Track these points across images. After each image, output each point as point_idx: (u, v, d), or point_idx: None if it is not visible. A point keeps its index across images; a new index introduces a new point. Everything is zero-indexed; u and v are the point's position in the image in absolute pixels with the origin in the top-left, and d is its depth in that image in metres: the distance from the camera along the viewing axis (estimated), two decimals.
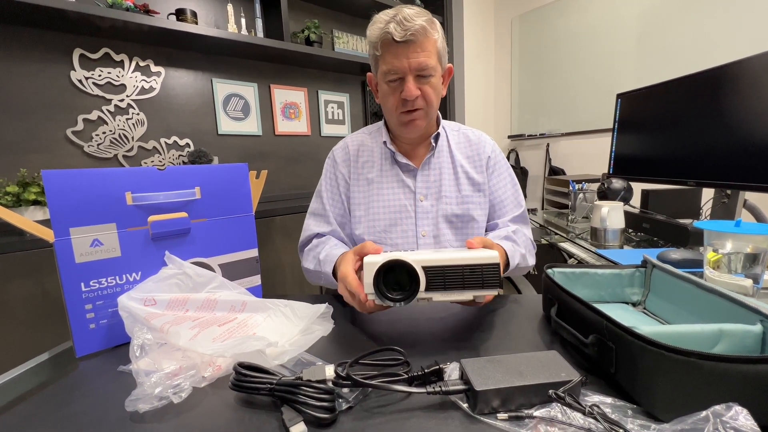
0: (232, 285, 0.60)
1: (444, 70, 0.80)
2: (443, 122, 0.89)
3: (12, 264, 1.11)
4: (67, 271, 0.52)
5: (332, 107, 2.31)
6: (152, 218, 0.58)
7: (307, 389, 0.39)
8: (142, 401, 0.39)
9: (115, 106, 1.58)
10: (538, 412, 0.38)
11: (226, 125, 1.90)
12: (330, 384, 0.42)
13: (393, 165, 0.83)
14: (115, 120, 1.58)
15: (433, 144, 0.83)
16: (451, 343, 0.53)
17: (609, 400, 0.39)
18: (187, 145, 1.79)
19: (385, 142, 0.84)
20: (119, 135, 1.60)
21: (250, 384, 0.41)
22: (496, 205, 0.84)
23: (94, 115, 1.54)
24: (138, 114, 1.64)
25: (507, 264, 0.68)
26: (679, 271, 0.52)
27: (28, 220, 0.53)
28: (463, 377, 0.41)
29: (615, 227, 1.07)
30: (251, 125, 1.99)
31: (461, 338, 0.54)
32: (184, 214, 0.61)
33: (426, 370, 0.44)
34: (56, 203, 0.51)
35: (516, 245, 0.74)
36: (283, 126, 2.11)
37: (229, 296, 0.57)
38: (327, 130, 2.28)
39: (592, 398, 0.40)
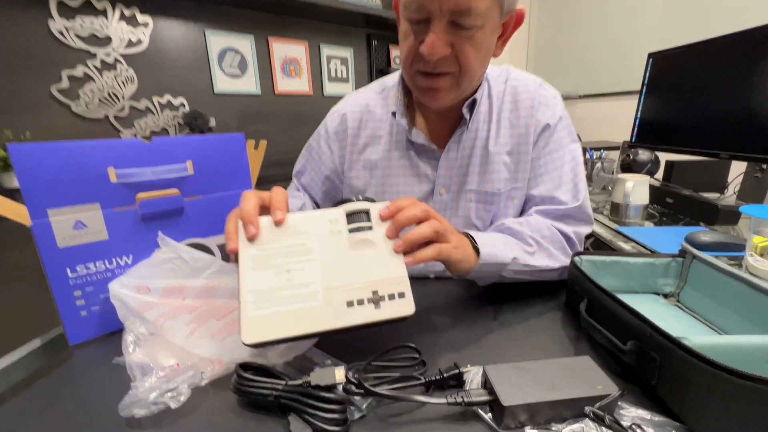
0: (233, 269, 0.55)
1: (505, 15, 0.53)
2: (488, 73, 0.64)
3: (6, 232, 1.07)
4: (49, 257, 0.47)
5: (335, 63, 2.15)
6: (141, 196, 0.52)
7: (316, 399, 0.36)
8: (137, 406, 0.36)
9: (102, 61, 1.46)
10: (569, 428, 0.34)
11: (223, 83, 1.78)
12: (340, 390, 0.38)
13: (406, 145, 0.65)
14: (102, 77, 1.47)
15: (466, 116, 0.62)
16: (468, 337, 0.49)
17: (647, 415, 0.35)
18: (182, 105, 1.68)
19: (394, 114, 0.65)
20: (108, 94, 1.49)
21: (252, 389, 0.37)
22: (532, 188, 0.63)
23: (79, 71, 1.42)
24: (127, 70, 1.52)
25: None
26: (729, 268, 0.47)
27: (2, 200, 0.48)
28: (487, 385, 0.38)
29: (638, 203, 1.01)
30: (249, 83, 1.86)
31: (478, 332, 0.50)
32: (176, 192, 0.55)
33: (445, 375, 0.40)
34: (29, 182, 0.45)
35: (514, 236, 0.57)
36: (283, 84, 1.98)
37: (230, 282, 0.53)
38: (330, 89, 2.15)
39: (629, 411, 0.36)
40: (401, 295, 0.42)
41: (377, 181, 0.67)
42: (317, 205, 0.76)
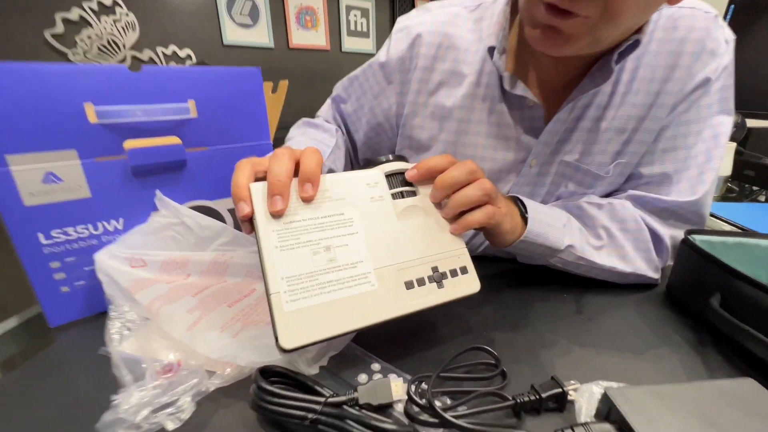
0: (250, 241, 0.44)
1: None
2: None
3: None
4: (13, 218, 0.36)
5: (355, 15, 1.95)
6: (130, 144, 0.40)
7: (368, 427, 0.25)
8: (122, 426, 0.26)
9: (99, 3, 1.31)
10: None
11: (233, 33, 1.61)
12: (400, 409, 0.28)
13: (499, 95, 0.47)
14: (100, 21, 1.32)
15: (613, 67, 0.41)
16: (549, 337, 0.38)
17: None
18: (189, 57, 1.53)
19: (492, 50, 0.45)
20: (108, 42, 1.35)
21: (280, 408, 0.27)
22: (644, 164, 0.47)
23: (74, 15, 1.28)
24: (127, 15, 1.37)
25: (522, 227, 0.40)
26: None
27: None
28: (612, 416, 0.26)
29: (720, 174, 0.85)
30: (261, 35, 1.69)
31: (561, 330, 0.39)
32: (175, 140, 0.43)
33: (543, 395, 0.29)
34: None
35: (582, 220, 0.44)
36: (298, 37, 1.80)
37: (244, 257, 0.42)
38: (349, 44, 1.96)
39: None
40: (464, 270, 0.35)
41: (448, 137, 0.50)
42: (353, 152, 0.62)
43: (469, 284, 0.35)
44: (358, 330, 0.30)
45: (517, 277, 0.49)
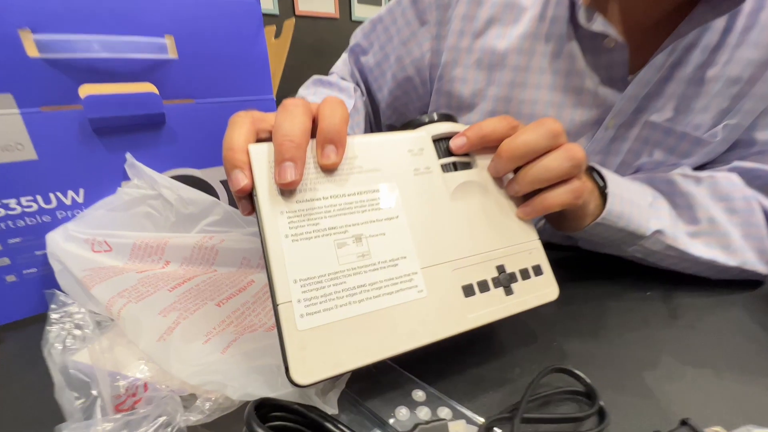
0: (245, 220, 0.34)
1: None
2: None
3: None
4: None
5: None
6: (86, 89, 0.31)
7: None
8: None
9: None
10: None
11: None
12: None
13: (568, 31, 0.37)
14: None
15: (704, 10, 0.32)
16: (643, 350, 0.28)
17: None
18: None
19: None
20: None
21: None
22: (757, 128, 0.37)
23: None
24: None
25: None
26: None
27: None
28: None
29: None
30: (265, 0, 1.56)
31: (657, 337, 0.29)
32: (149, 87, 0.33)
33: None
34: None
35: (673, 198, 0.35)
36: (304, 4, 1.66)
37: (239, 240, 0.33)
38: (360, 11, 1.81)
39: None
40: (537, 270, 0.26)
41: (499, 91, 0.39)
42: (374, 117, 0.51)
43: (546, 289, 0.26)
44: (402, 353, 0.21)
45: (577, 267, 0.40)
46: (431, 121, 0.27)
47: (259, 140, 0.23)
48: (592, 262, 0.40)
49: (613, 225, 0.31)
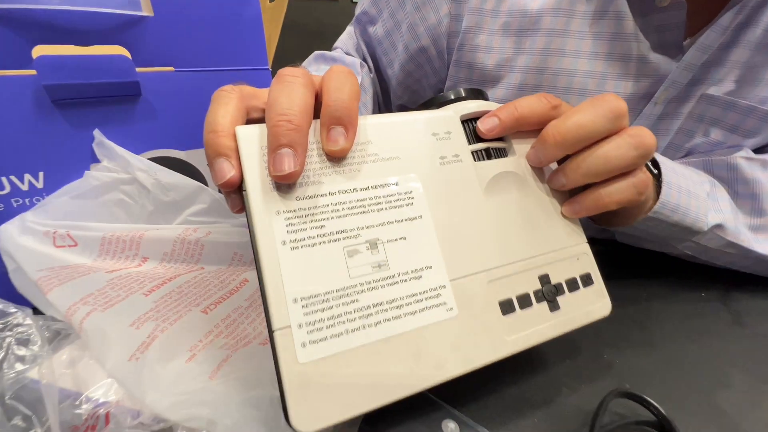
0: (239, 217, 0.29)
1: None
2: None
3: None
4: None
5: None
6: (41, 50, 0.25)
7: None
8: None
9: None
10: None
11: None
12: None
13: None
14: None
15: None
16: (715, 367, 0.24)
17: None
18: None
19: None
20: None
21: None
22: None
23: None
24: None
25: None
26: None
27: None
28: None
29: None
30: None
31: (734, 359, 0.25)
32: (119, 51, 0.28)
33: None
34: None
35: (733, 187, 0.31)
36: None
37: (229, 232, 0.28)
38: None
39: None
40: (586, 279, 0.21)
41: (530, 60, 0.34)
42: (382, 97, 0.46)
43: (597, 303, 0.21)
44: (426, 388, 0.17)
45: (615, 264, 0.35)
46: (458, 98, 0.22)
47: (249, 121, 0.19)
48: (630, 258, 0.35)
49: (666, 219, 0.27)
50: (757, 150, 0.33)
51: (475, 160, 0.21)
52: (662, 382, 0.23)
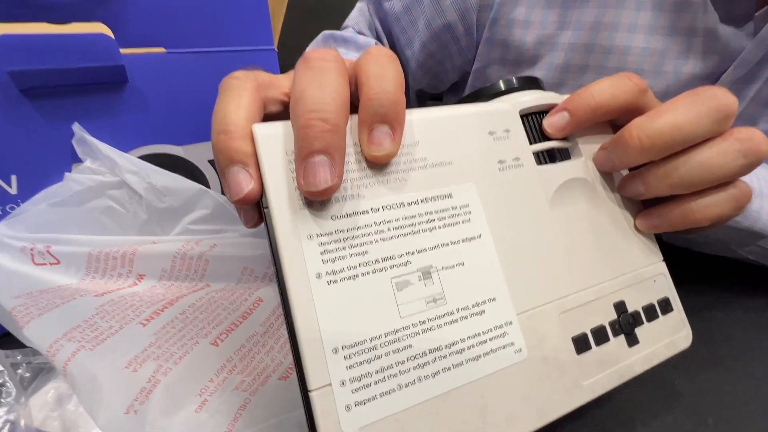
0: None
1: None
2: None
3: None
4: None
5: None
6: (4, 30, 0.21)
7: None
8: None
9: None
10: None
11: None
12: None
13: None
14: None
15: None
16: None
17: None
18: None
19: None
20: None
21: None
22: None
23: None
24: None
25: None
26: None
27: None
28: None
29: None
30: None
31: None
32: (99, 28, 0.23)
33: None
34: None
35: None
36: None
37: (236, 244, 0.24)
38: None
39: None
40: (665, 306, 0.18)
41: (576, 36, 0.30)
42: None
43: (678, 333, 0.18)
44: None
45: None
46: (510, 89, 0.19)
47: (267, 117, 0.15)
48: (683, 258, 0.32)
49: (736, 225, 0.24)
50: None
51: (537, 164, 0.17)
52: (742, 413, 0.20)
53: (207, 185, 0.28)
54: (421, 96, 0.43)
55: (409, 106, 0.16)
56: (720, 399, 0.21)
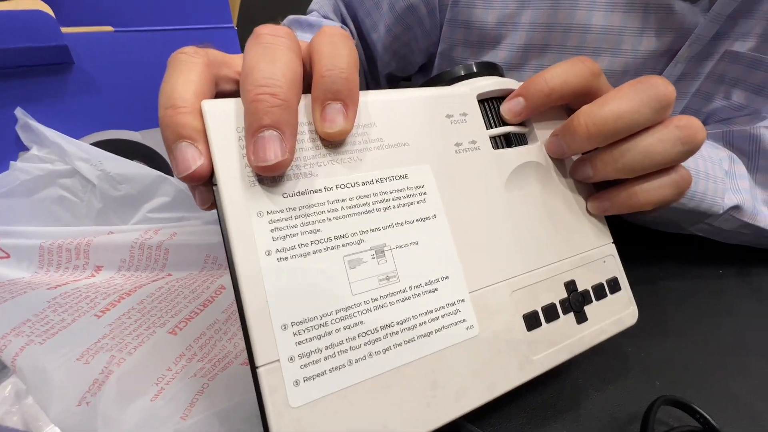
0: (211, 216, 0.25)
1: None
2: None
3: None
4: None
5: None
6: None
7: None
8: None
9: None
10: None
11: None
12: None
13: None
14: None
15: None
16: (749, 361, 0.22)
17: None
18: None
19: None
20: None
21: None
22: None
23: None
24: None
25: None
26: None
27: None
28: None
29: None
30: None
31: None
32: (38, 5, 0.22)
33: None
34: None
35: (755, 159, 0.28)
36: None
37: (198, 232, 0.23)
38: None
39: None
40: (613, 285, 0.19)
41: (536, 16, 0.30)
42: (368, 65, 0.41)
43: (624, 311, 0.19)
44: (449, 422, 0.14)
45: (624, 239, 0.33)
46: (469, 74, 0.19)
47: (219, 95, 0.14)
48: (642, 234, 0.33)
49: (681, 207, 0.25)
50: None
51: (493, 148, 0.17)
52: (698, 377, 0.21)
53: (167, 172, 0.27)
54: (392, 80, 0.42)
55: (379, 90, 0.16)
56: (667, 363, 0.22)
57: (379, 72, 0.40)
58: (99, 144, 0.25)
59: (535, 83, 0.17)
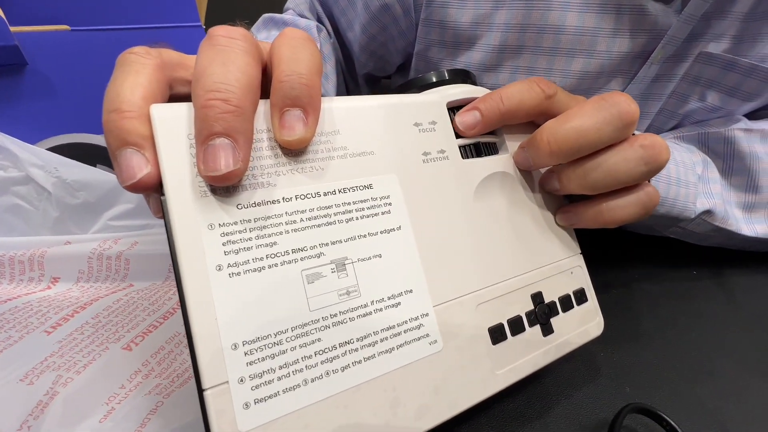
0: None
1: None
2: None
3: None
4: None
5: None
6: None
7: None
8: None
9: None
10: None
11: None
12: None
13: None
14: None
15: None
16: (713, 365, 0.22)
17: None
18: None
19: None
20: None
21: None
22: None
23: None
24: None
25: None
26: None
27: None
28: None
29: None
30: None
31: (730, 348, 0.23)
32: None
33: None
34: None
35: (727, 161, 0.28)
36: None
37: (160, 241, 0.23)
38: None
39: None
40: (580, 296, 0.19)
41: (510, 17, 0.29)
42: (345, 65, 0.39)
43: (590, 322, 0.19)
44: None
45: (598, 240, 0.33)
46: (441, 81, 0.18)
47: (174, 98, 0.14)
48: (615, 235, 0.33)
49: (654, 212, 0.25)
50: (754, 113, 0.31)
51: (463, 158, 0.17)
52: (666, 381, 0.21)
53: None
54: (371, 80, 0.41)
55: (357, 90, 0.15)
56: (638, 368, 0.22)
57: (357, 73, 0.40)
58: (57, 149, 0.24)
59: (492, 100, 0.17)
